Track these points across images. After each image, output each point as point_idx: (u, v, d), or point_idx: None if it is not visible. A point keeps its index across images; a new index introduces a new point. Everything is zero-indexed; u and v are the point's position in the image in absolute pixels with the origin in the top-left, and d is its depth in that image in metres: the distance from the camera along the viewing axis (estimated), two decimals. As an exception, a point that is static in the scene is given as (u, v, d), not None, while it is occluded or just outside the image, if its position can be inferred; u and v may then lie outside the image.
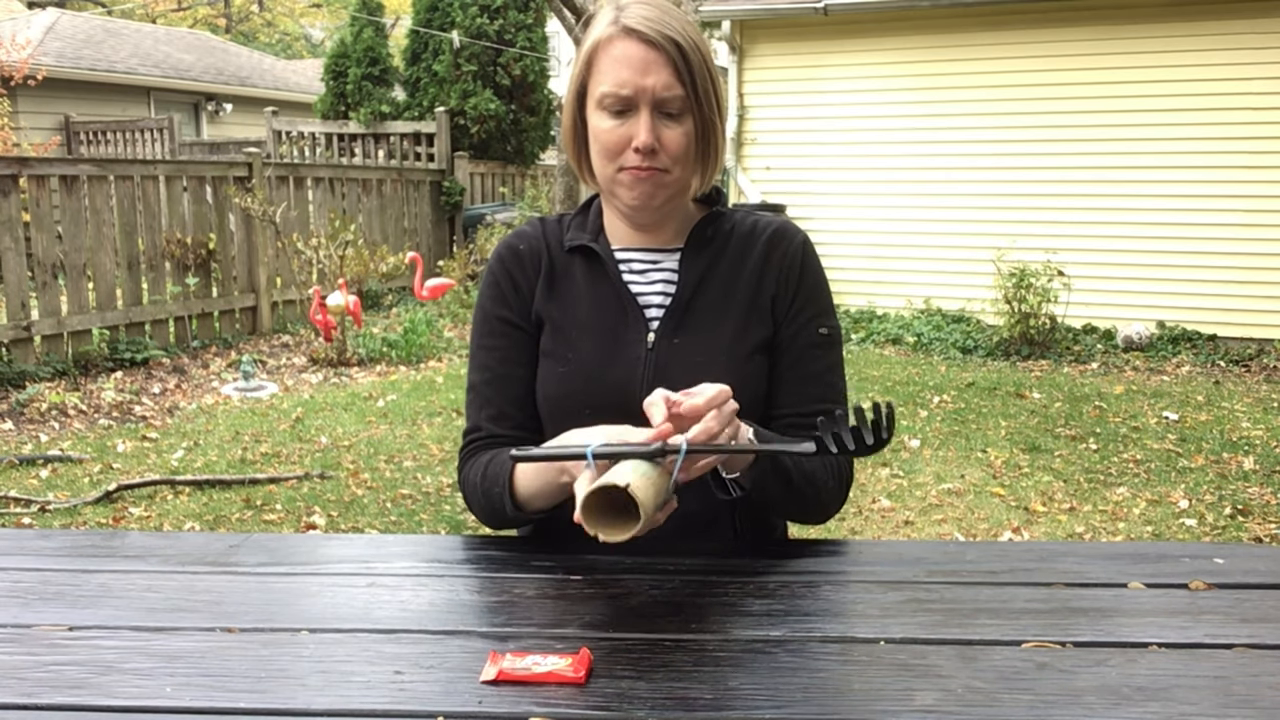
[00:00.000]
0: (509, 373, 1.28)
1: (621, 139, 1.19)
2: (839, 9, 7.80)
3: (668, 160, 1.20)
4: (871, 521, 3.75)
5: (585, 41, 1.23)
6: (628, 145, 1.19)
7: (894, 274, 8.04)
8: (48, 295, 5.90)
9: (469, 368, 1.33)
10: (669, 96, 1.18)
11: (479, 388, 1.30)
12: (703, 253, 1.28)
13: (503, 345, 1.29)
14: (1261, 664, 0.88)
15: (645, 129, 1.17)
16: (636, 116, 1.18)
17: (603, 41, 1.20)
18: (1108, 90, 7.27)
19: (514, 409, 1.28)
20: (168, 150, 12.57)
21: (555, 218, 1.35)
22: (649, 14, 1.19)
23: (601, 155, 1.22)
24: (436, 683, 0.85)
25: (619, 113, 1.19)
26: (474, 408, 1.30)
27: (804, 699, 0.82)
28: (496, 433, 1.27)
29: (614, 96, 1.18)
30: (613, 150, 1.20)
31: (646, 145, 1.17)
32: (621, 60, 1.18)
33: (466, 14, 10.60)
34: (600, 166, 1.23)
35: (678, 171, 1.21)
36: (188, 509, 3.78)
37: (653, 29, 1.17)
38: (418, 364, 6.61)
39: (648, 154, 1.18)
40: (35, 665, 0.88)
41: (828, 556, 1.17)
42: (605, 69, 1.19)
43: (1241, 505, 3.87)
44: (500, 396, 1.28)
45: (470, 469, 1.26)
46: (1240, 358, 6.80)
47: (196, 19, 26.41)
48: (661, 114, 1.19)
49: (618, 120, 1.19)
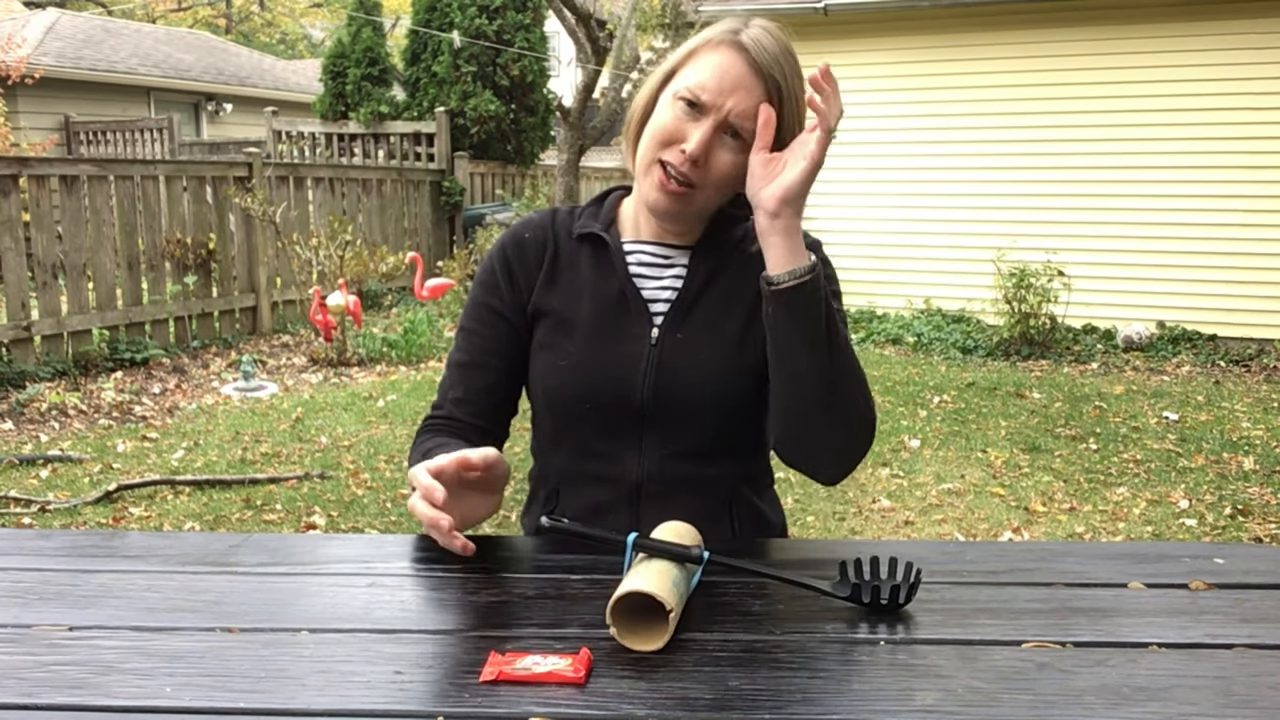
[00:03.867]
0: (484, 361, 1.29)
1: (675, 134, 1.17)
2: (839, 9, 7.80)
3: (704, 179, 1.18)
4: (871, 521, 3.75)
5: (699, 37, 1.22)
6: (678, 142, 1.17)
7: (894, 274, 8.04)
8: (48, 295, 5.90)
9: (452, 346, 1.34)
10: (742, 125, 1.16)
11: (453, 368, 1.32)
12: (715, 252, 1.28)
13: (484, 333, 1.30)
14: (1261, 664, 0.88)
15: (700, 139, 1.15)
16: (700, 123, 1.16)
17: (712, 42, 1.19)
18: (1108, 90, 7.27)
19: (479, 396, 1.29)
20: (168, 150, 12.56)
21: (568, 209, 1.35)
22: (766, 41, 1.17)
23: (651, 137, 1.20)
24: (436, 683, 0.85)
25: (690, 106, 1.17)
26: (444, 386, 1.32)
27: (804, 699, 0.82)
28: (456, 415, 1.29)
29: (692, 94, 1.16)
30: (662, 139, 1.18)
31: (694, 154, 1.16)
32: (718, 67, 1.16)
33: (465, 14, 10.60)
34: (645, 149, 1.21)
35: (709, 193, 1.20)
36: (188, 509, 3.78)
37: (761, 54, 1.16)
38: (418, 364, 6.61)
39: (690, 162, 1.16)
40: (35, 665, 0.88)
41: (828, 556, 1.17)
42: (699, 67, 1.18)
43: (1241, 505, 3.87)
44: (469, 381, 1.30)
45: (416, 442, 1.27)
46: (1240, 358, 6.80)
47: (196, 19, 26.40)
48: (728, 134, 1.17)
49: (684, 115, 1.17)
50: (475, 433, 1.28)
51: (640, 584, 0.90)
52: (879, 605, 0.99)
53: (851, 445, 1.17)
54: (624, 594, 0.90)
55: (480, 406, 1.30)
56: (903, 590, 0.98)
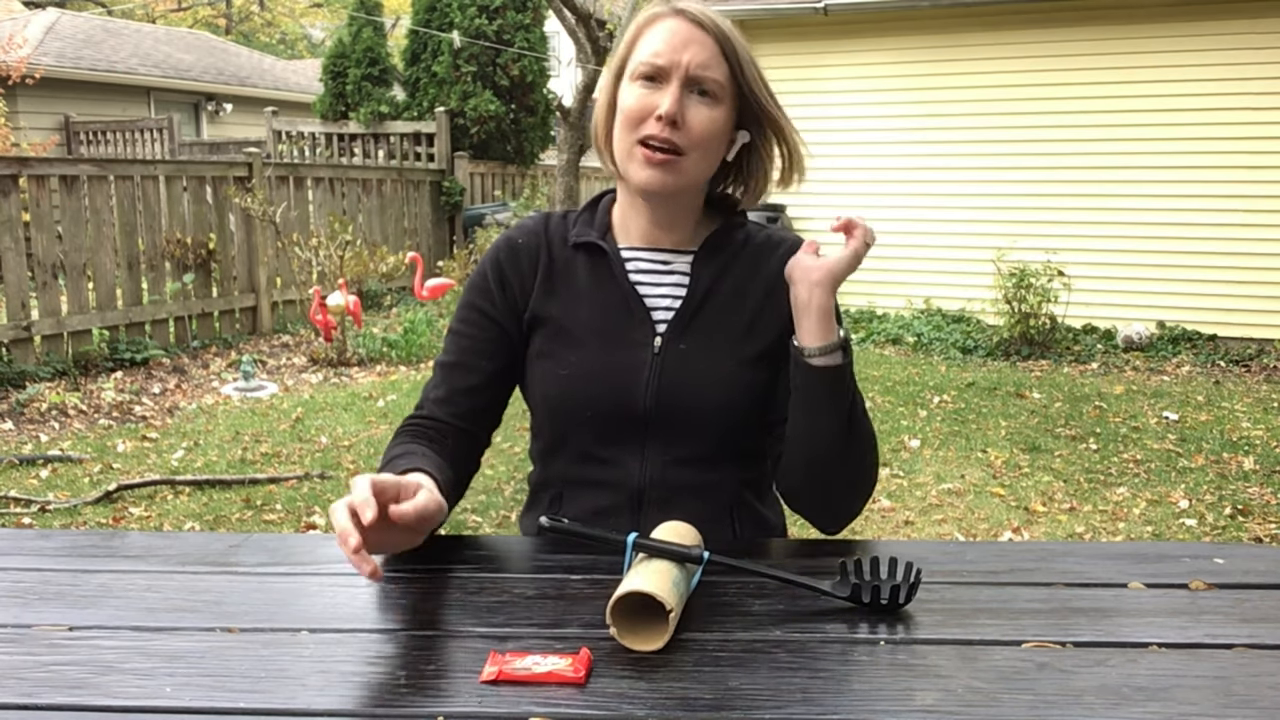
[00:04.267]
0: (470, 363, 1.27)
1: (645, 107, 1.16)
2: (839, 9, 7.80)
3: (687, 141, 1.16)
4: (871, 521, 3.75)
5: (632, 26, 1.22)
6: (650, 114, 1.16)
7: (894, 274, 8.03)
8: (48, 295, 5.90)
9: (442, 346, 1.32)
10: (705, 76, 1.16)
11: (439, 369, 1.30)
12: (716, 258, 1.26)
13: (473, 334, 1.28)
14: (1261, 664, 0.89)
15: (672, 98, 1.14)
16: (666, 88, 1.16)
17: (649, 19, 1.20)
18: (1108, 91, 7.28)
19: (462, 397, 1.27)
20: (168, 150, 12.57)
21: (561, 214, 1.33)
22: (702, 8, 1.19)
23: (623, 125, 1.19)
24: (436, 683, 0.85)
25: (649, 79, 1.16)
26: (428, 387, 1.30)
27: (804, 699, 0.82)
28: (437, 415, 1.26)
29: (648, 65, 1.16)
30: (634, 118, 1.17)
31: (669, 114, 1.14)
32: (663, 33, 1.17)
33: (465, 14, 10.61)
34: (620, 139, 1.20)
35: (695, 156, 1.18)
36: (188, 509, 3.78)
37: (703, 15, 1.18)
38: (418, 364, 6.61)
39: (669, 124, 1.15)
40: (35, 665, 0.88)
41: (827, 557, 1.17)
42: (646, 43, 1.18)
43: (1241, 505, 3.87)
44: (453, 382, 1.27)
45: (390, 445, 1.23)
46: (1240, 358, 6.80)
47: (196, 19, 26.40)
48: (695, 92, 1.16)
49: (646, 90, 1.17)
50: (455, 435, 1.25)
51: (640, 584, 0.90)
52: (879, 605, 0.99)
53: (854, 505, 1.23)
54: (624, 594, 0.90)
55: (463, 408, 1.27)
56: (903, 590, 0.98)
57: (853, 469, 1.20)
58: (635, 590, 0.90)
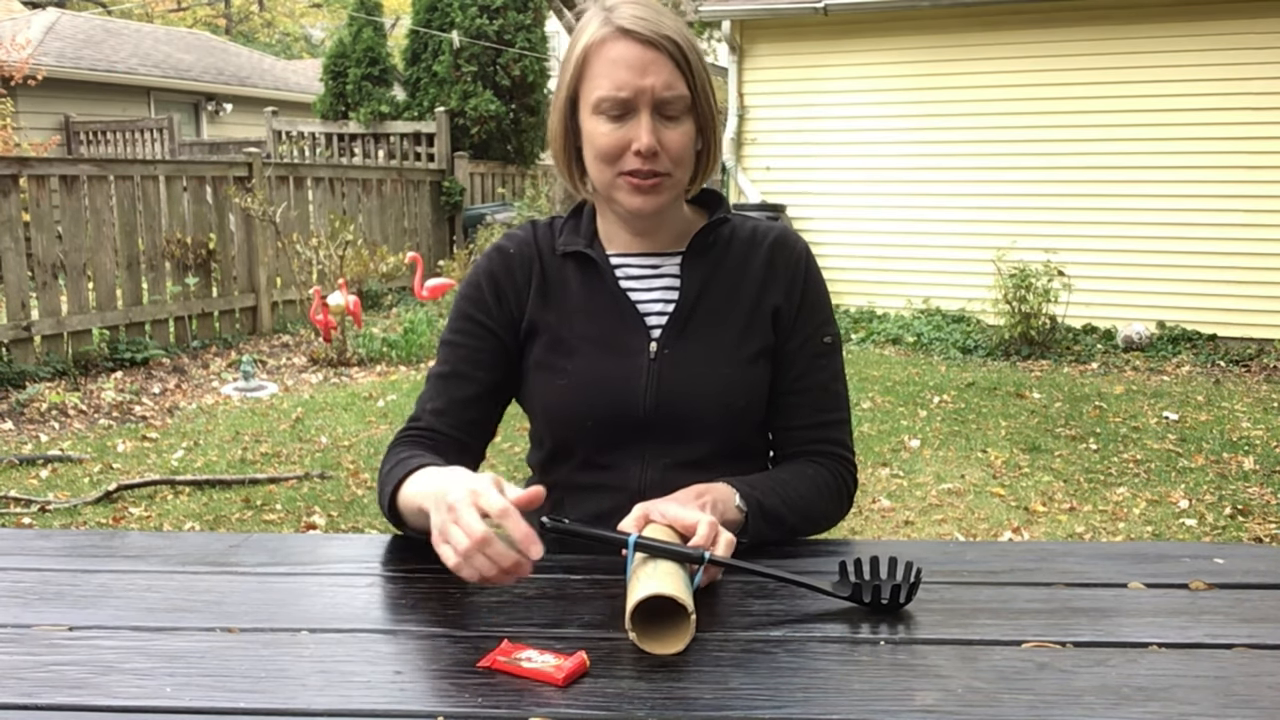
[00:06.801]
0: (467, 373, 1.26)
1: (620, 143, 1.15)
2: (839, 9, 7.80)
3: (669, 163, 1.16)
4: (871, 521, 3.75)
5: (575, 45, 1.18)
6: (627, 149, 1.15)
7: (894, 274, 8.04)
8: (48, 295, 5.90)
9: (434, 361, 1.31)
10: (670, 97, 1.14)
11: (433, 380, 1.28)
12: (705, 259, 1.26)
13: (468, 344, 1.27)
14: (1261, 664, 0.89)
15: (647, 131, 1.13)
16: (636, 119, 1.14)
17: (595, 44, 1.15)
18: (1108, 91, 7.27)
19: (459, 408, 1.26)
20: (168, 150, 12.57)
21: (546, 221, 1.32)
22: (641, 13, 1.15)
23: (599, 160, 1.17)
24: (436, 683, 0.85)
25: (617, 117, 1.15)
26: (423, 399, 1.29)
27: (804, 699, 0.82)
28: (434, 426, 1.25)
29: (612, 100, 1.14)
30: (611, 154, 1.16)
31: (649, 148, 1.13)
32: (618, 62, 1.13)
33: (466, 14, 10.60)
34: (598, 172, 1.19)
35: (679, 174, 1.19)
36: (188, 509, 3.78)
37: (649, 28, 1.13)
38: (418, 364, 6.61)
39: (649, 157, 1.14)
40: (35, 665, 0.88)
41: (827, 557, 1.17)
42: (600, 72, 1.14)
43: (1241, 505, 3.87)
44: (450, 392, 1.26)
45: (391, 454, 1.22)
46: (1240, 358, 6.80)
47: (196, 19, 26.41)
48: (661, 116, 1.15)
49: (616, 124, 1.15)
50: (453, 447, 1.24)
51: (660, 587, 0.89)
52: (879, 605, 0.99)
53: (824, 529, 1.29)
54: (647, 597, 0.89)
55: (460, 419, 1.26)
56: (903, 590, 0.98)
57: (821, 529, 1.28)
58: (659, 594, 0.88)
